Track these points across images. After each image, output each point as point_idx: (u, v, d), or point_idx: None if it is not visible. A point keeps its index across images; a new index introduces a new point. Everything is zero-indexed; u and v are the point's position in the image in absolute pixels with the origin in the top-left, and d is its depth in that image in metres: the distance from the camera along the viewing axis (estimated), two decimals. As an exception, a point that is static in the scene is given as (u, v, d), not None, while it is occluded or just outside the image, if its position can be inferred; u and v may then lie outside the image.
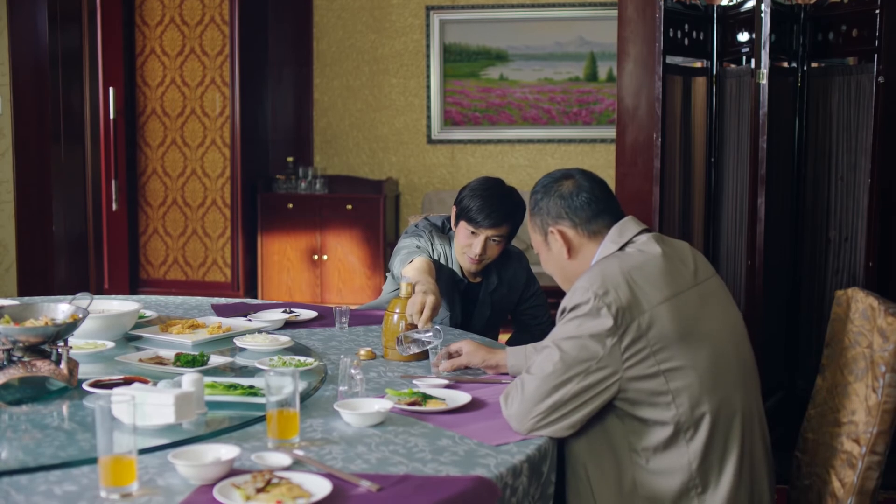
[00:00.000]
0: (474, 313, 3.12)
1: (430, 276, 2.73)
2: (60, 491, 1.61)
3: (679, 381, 1.91)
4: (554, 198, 2.11)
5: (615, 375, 1.90)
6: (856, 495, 1.97)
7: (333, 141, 7.19)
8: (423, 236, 3.07)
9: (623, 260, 1.99)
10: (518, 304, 3.19)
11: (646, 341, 1.89)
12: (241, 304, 3.30)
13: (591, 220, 2.09)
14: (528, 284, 3.19)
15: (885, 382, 1.93)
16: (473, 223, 2.93)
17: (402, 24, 7.04)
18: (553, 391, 1.90)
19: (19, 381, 2.16)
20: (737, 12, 3.80)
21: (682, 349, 1.91)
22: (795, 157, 3.80)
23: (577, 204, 2.09)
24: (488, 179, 3.02)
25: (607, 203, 2.11)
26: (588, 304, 1.91)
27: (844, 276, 3.68)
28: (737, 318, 2.09)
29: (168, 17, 6.42)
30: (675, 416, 1.91)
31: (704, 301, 2.01)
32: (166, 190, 6.55)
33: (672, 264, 2.00)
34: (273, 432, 1.84)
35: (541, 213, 2.14)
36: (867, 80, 3.53)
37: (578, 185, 2.11)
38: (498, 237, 2.96)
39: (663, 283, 1.95)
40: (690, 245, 2.17)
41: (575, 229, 2.10)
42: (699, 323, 1.96)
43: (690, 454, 1.92)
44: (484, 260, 2.99)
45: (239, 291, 6.44)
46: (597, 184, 2.13)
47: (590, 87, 6.88)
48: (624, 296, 1.90)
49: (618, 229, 2.07)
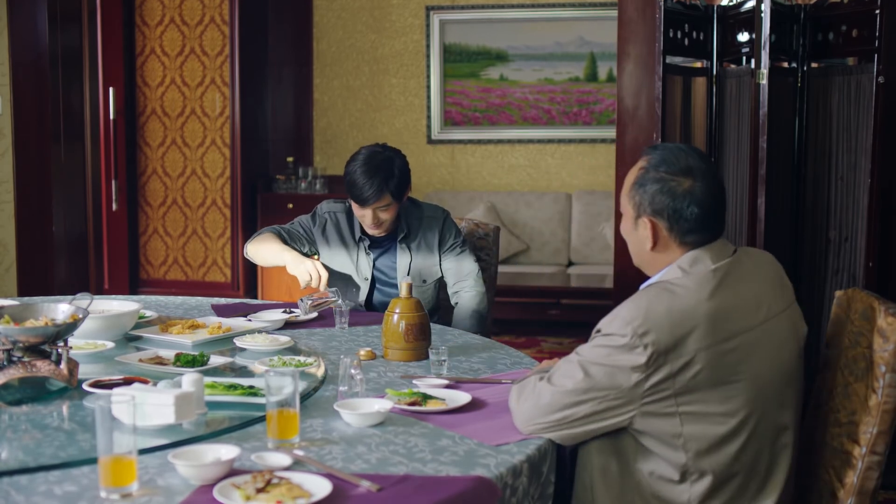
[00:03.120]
0: (398, 262, 3.26)
1: (286, 245, 3.19)
2: (60, 491, 1.61)
3: (695, 426, 1.86)
4: (664, 193, 1.94)
5: (630, 406, 1.86)
6: (856, 495, 1.96)
7: (333, 141, 7.19)
8: (314, 218, 3.32)
9: (675, 299, 1.87)
10: (441, 247, 3.27)
11: (672, 382, 1.84)
12: (241, 304, 3.30)
13: (688, 233, 1.95)
14: (444, 223, 3.29)
15: (885, 382, 1.93)
16: (356, 200, 3.12)
17: (402, 24, 7.04)
18: (567, 407, 1.89)
19: (19, 381, 2.16)
20: (737, 12, 3.80)
21: (709, 396, 1.85)
22: (795, 157, 3.80)
23: (684, 214, 1.93)
24: (363, 151, 3.17)
25: (715, 220, 1.96)
26: (625, 338, 1.84)
27: (844, 276, 3.68)
28: (791, 357, 1.99)
29: (168, 17, 6.42)
30: (682, 460, 1.88)
31: (756, 344, 1.91)
32: (166, 190, 6.54)
33: (731, 307, 1.89)
34: (273, 432, 1.84)
35: (644, 194, 1.97)
36: (867, 80, 3.53)
37: (694, 192, 1.93)
38: (383, 206, 3.12)
39: (710, 331, 1.84)
40: (776, 267, 2.08)
41: (670, 232, 1.96)
42: (740, 369, 1.87)
43: (692, 494, 1.90)
44: (382, 224, 3.17)
45: (239, 291, 6.44)
46: (714, 197, 1.95)
47: (590, 88, 6.87)
48: (663, 340, 1.82)
49: (691, 258, 1.94)
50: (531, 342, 5.94)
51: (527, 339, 6.03)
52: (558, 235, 6.73)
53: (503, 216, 6.73)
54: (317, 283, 3.03)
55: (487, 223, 3.68)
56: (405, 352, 2.50)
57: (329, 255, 3.28)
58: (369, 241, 3.27)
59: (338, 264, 3.29)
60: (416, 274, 3.24)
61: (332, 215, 3.31)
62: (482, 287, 3.26)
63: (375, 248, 3.28)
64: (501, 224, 6.61)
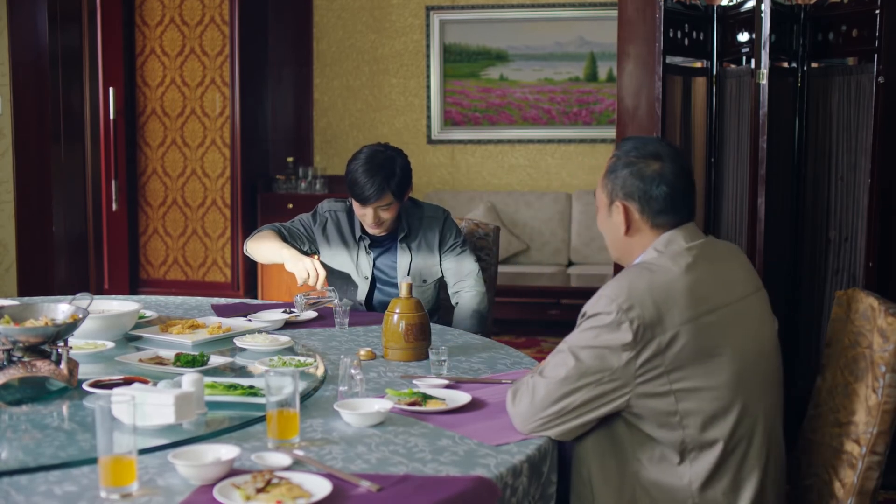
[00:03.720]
0: (398, 262, 3.26)
1: (285, 242, 3.18)
2: (60, 491, 1.61)
3: (690, 402, 1.88)
4: (634, 176, 2.01)
5: (625, 389, 1.88)
6: (856, 495, 1.96)
7: (333, 141, 7.19)
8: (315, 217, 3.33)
9: (655, 275, 1.93)
10: (441, 247, 3.27)
11: (661, 359, 1.87)
12: (241, 304, 3.31)
13: (659, 214, 2.01)
14: (445, 223, 3.29)
15: (885, 382, 1.93)
16: (357, 199, 3.12)
17: (402, 24, 7.04)
18: (563, 397, 1.90)
19: (19, 381, 2.16)
20: (737, 12, 3.80)
21: (699, 370, 1.88)
22: (795, 157, 3.80)
23: (653, 193, 2.00)
24: (365, 150, 3.16)
25: (684, 201, 2.02)
26: (610, 315, 1.88)
27: (844, 276, 3.68)
28: (768, 337, 2.04)
29: (168, 17, 6.42)
30: (680, 437, 1.90)
31: (735, 321, 1.96)
32: (166, 190, 6.54)
33: (706, 283, 1.95)
34: (273, 432, 1.84)
35: (615, 180, 2.04)
36: (867, 80, 3.53)
37: (663, 173, 2.00)
38: (384, 205, 3.12)
39: (691, 304, 1.89)
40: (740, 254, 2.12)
41: (642, 214, 2.02)
42: (724, 343, 1.91)
43: (692, 474, 1.91)
44: (383, 223, 3.17)
45: (239, 291, 6.44)
46: (681, 178, 2.03)
47: (590, 87, 6.87)
48: (648, 313, 1.87)
49: (666, 239, 2.01)
50: (531, 342, 5.94)
51: (527, 339, 6.03)
52: (558, 235, 6.73)
53: (503, 216, 6.73)
54: (314, 280, 3.04)
55: (487, 223, 3.68)
56: (405, 352, 2.50)
57: (329, 253, 3.28)
58: (370, 241, 3.27)
59: (338, 263, 3.29)
60: (416, 274, 3.24)
61: (332, 214, 3.31)
62: (482, 287, 3.26)
63: (376, 247, 3.28)
64: (501, 224, 6.61)
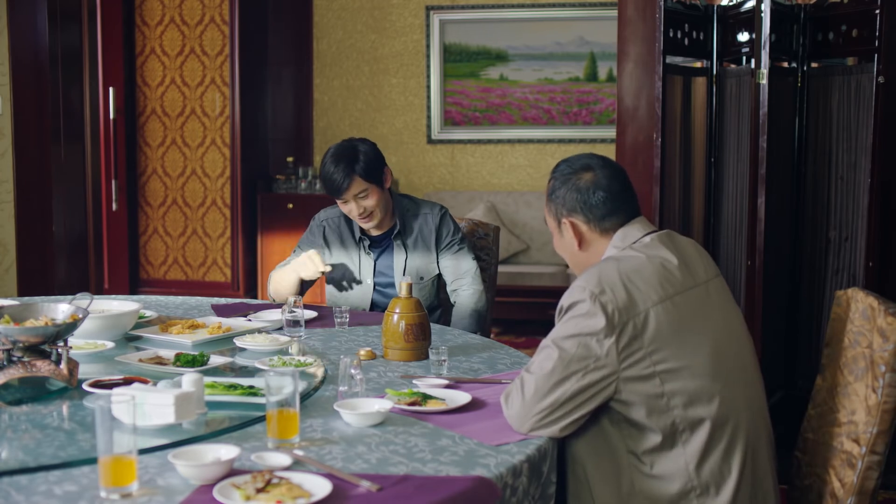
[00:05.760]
0: (394, 260, 3.26)
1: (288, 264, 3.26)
2: (60, 491, 1.61)
3: (674, 383, 1.91)
4: (571, 190, 2.11)
5: (612, 375, 1.90)
6: (856, 495, 1.97)
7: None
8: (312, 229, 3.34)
9: (622, 262, 2.00)
10: (438, 244, 3.27)
11: (641, 342, 1.90)
12: (241, 304, 3.31)
13: (604, 218, 2.10)
14: (441, 219, 3.28)
15: (885, 382, 1.93)
16: (333, 194, 3.13)
17: (402, 24, 7.04)
18: (553, 389, 1.91)
19: (19, 381, 2.16)
20: (737, 12, 3.80)
21: (677, 350, 1.92)
22: (795, 156, 3.80)
23: (592, 201, 2.09)
24: (331, 149, 3.17)
25: (623, 200, 2.11)
26: (584, 303, 1.93)
27: (844, 276, 3.68)
28: (738, 319, 2.09)
29: (168, 17, 6.42)
30: (669, 419, 1.92)
31: (704, 302, 2.02)
32: (166, 190, 6.54)
33: (672, 266, 2.01)
34: (273, 432, 1.84)
35: (556, 200, 2.14)
36: (867, 80, 3.53)
37: (597, 181, 2.10)
38: (360, 192, 3.11)
39: (660, 285, 1.96)
40: (697, 244, 2.17)
41: (588, 224, 2.11)
42: (697, 323, 1.97)
43: (687, 456, 1.93)
44: (372, 214, 3.15)
45: (239, 291, 6.44)
46: (615, 180, 2.11)
47: (590, 87, 6.87)
48: (620, 296, 1.92)
49: (622, 234, 2.09)
50: (531, 342, 5.94)
51: (527, 339, 6.03)
52: (558, 235, 6.72)
53: (503, 216, 6.73)
54: (320, 266, 3.12)
55: (487, 223, 3.68)
56: (405, 352, 2.50)
57: (332, 260, 3.29)
58: (369, 241, 3.27)
59: (342, 269, 3.28)
60: (413, 271, 3.24)
61: (329, 221, 3.32)
62: (480, 285, 3.25)
63: (375, 248, 3.28)
64: (501, 224, 6.61)
